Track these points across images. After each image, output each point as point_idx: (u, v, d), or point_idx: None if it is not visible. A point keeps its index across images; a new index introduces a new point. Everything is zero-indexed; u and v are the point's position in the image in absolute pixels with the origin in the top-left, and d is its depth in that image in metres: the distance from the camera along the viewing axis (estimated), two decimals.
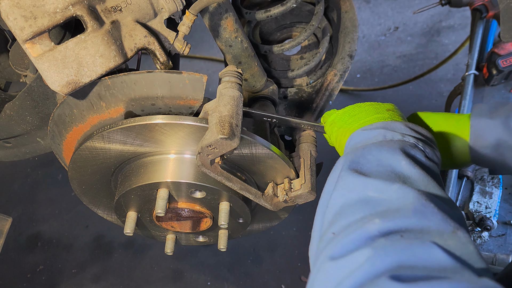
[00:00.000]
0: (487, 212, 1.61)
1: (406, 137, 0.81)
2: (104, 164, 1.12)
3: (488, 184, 1.70)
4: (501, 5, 0.95)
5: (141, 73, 0.98)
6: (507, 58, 1.89)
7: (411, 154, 0.76)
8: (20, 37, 0.84)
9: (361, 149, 0.80)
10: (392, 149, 0.76)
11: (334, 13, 1.52)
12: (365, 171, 0.73)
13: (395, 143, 0.79)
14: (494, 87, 2.01)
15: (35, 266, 2.49)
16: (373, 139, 0.83)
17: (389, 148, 0.77)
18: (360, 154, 0.78)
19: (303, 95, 1.47)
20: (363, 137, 0.85)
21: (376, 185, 0.69)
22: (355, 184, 0.72)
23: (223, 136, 0.88)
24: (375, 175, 0.72)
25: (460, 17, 3.20)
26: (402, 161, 0.73)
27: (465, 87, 1.93)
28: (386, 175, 0.72)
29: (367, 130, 0.86)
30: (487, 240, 1.59)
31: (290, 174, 1.12)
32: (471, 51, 2.03)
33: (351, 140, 0.89)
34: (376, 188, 0.69)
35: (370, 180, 0.71)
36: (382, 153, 0.76)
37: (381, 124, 0.86)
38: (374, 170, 0.73)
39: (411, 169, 0.72)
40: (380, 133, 0.83)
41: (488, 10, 2.05)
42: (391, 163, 0.74)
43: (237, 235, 1.35)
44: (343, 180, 0.74)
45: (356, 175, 0.73)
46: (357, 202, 0.69)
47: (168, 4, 0.96)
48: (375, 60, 3.14)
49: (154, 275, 2.40)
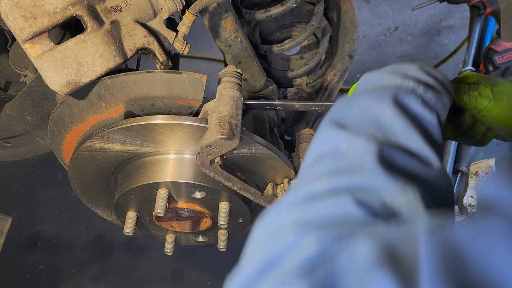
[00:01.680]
0: None
1: (405, 81, 0.72)
2: (104, 164, 1.12)
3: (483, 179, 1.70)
4: (501, 5, 0.94)
5: (140, 73, 0.98)
6: (503, 55, 1.90)
7: (403, 101, 0.68)
8: (20, 37, 0.84)
9: (350, 97, 0.73)
10: (382, 95, 0.69)
11: (334, 13, 1.52)
12: (345, 122, 0.68)
13: (390, 89, 0.71)
14: None
15: (35, 266, 2.49)
16: (370, 84, 0.76)
17: (379, 94, 0.70)
18: (347, 104, 0.72)
19: (303, 95, 1.48)
20: (365, 81, 0.78)
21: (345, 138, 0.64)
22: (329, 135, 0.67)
23: (223, 136, 0.88)
24: (353, 128, 0.66)
25: (460, 17, 3.20)
26: (387, 109, 0.66)
27: None
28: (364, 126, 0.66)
29: (371, 74, 0.78)
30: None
31: (290, 174, 1.12)
32: (468, 47, 2.04)
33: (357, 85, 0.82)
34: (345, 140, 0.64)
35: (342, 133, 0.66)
36: (369, 101, 0.69)
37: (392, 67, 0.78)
38: (354, 122, 0.67)
39: (394, 119, 0.65)
40: (381, 77, 0.75)
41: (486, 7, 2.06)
42: (374, 113, 0.67)
43: (237, 235, 1.35)
44: (321, 132, 0.70)
45: (333, 127, 0.68)
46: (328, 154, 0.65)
47: (168, 4, 0.96)
48: (375, 60, 3.14)
49: (154, 275, 2.40)
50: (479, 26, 2.10)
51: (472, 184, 1.72)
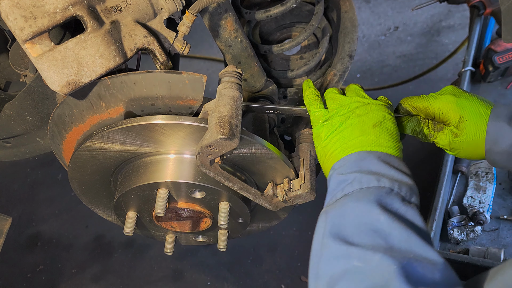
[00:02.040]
0: (480, 207, 1.63)
1: (381, 181, 0.82)
2: (104, 164, 1.12)
3: (482, 179, 1.71)
4: (502, 6, 0.94)
5: (140, 73, 0.98)
6: (503, 55, 1.90)
7: (388, 205, 0.78)
8: (20, 37, 0.84)
9: (339, 205, 0.82)
10: (369, 202, 0.78)
11: (334, 13, 1.52)
12: (347, 237, 0.75)
13: (371, 193, 0.80)
14: (490, 83, 2.03)
15: (35, 266, 2.49)
16: (349, 187, 0.84)
17: (366, 202, 0.78)
18: (340, 214, 0.80)
19: (303, 95, 1.47)
20: (341, 184, 0.86)
21: (359, 254, 0.72)
22: (339, 253, 0.74)
23: (223, 136, 0.88)
24: (357, 242, 0.74)
25: (460, 17, 3.20)
26: (381, 217, 0.75)
27: (461, 83, 1.94)
28: (368, 238, 0.74)
29: (343, 175, 0.87)
30: (480, 234, 1.60)
31: (290, 174, 1.12)
32: (468, 47, 2.05)
33: (330, 181, 0.91)
34: (359, 257, 0.71)
35: (352, 249, 0.73)
36: (359, 209, 0.78)
37: (356, 163, 0.87)
38: (355, 234, 0.75)
39: (390, 224, 0.74)
40: (356, 179, 0.84)
41: (486, 7, 2.06)
42: (370, 222, 0.76)
43: (236, 235, 1.35)
44: (328, 248, 0.77)
45: (338, 242, 0.75)
46: (344, 273, 0.71)
47: (168, 4, 0.96)
48: (375, 60, 3.15)
49: (154, 275, 2.40)
50: (479, 26, 2.10)
51: (472, 184, 1.72)
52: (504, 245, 1.56)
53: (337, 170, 0.89)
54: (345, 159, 0.89)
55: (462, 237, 1.60)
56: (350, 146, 0.91)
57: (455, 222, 1.63)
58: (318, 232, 0.82)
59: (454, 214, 1.66)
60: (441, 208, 1.63)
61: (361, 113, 0.94)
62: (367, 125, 0.92)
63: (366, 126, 0.92)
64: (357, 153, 0.89)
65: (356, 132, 0.92)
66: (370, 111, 0.94)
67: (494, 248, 1.49)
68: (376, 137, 0.90)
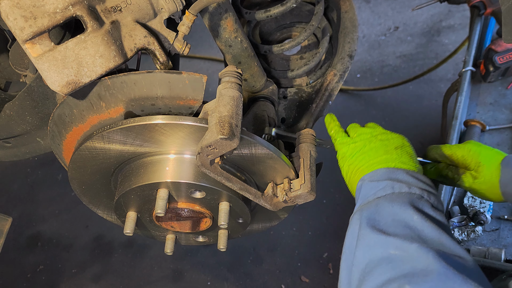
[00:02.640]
0: (481, 207, 1.63)
1: (412, 188, 0.89)
2: (104, 164, 1.12)
3: None
4: (503, 7, 0.94)
5: (141, 73, 0.98)
6: (504, 55, 1.90)
7: (420, 207, 0.84)
8: (20, 37, 0.84)
9: (374, 204, 0.88)
10: (403, 203, 0.84)
11: (334, 13, 1.52)
12: (383, 228, 0.81)
13: (404, 196, 0.87)
14: (491, 84, 2.03)
15: (35, 266, 2.49)
16: (382, 191, 0.90)
17: (400, 203, 0.85)
18: (375, 211, 0.86)
19: (302, 95, 1.48)
20: (373, 189, 0.93)
21: (396, 243, 0.76)
22: (376, 242, 0.79)
23: (223, 137, 0.88)
24: (393, 233, 0.79)
25: (460, 17, 3.20)
26: (414, 216, 0.81)
27: (462, 83, 1.94)
28: (403, 231, 0.79)
29: (375, 182, 0.93)
30: (481, 234, 1.60)
31: (290, 174, 1.12)
32: (468, 47, 2.04)
33: (361, 189, 0.97)
34: (396, 246, 0.76)
35: (389, 238, 0.78)
36: (394, 208, 0.84)
37: (386, 174, 0.94)
38: (391, 227, 0.81)
39: (423, 223, 0.80)
40: (388, 185, 0.91)
41: (486, 7, 2.06)
42: (404, 219, 0.81)
43: (236, 235, 1.35)
44: (364, 238, 0.82)
45: (375, 232, 0.80)
46: (381, 260, 0.75)
47: (168, 4, 0.96)
48: (375, 60, 3.15)
49: (154, 275, 2.40)
50: (480, 26, 2.10)
51: None
52: (504, 245, 1.56)
53: (368, 179, 0.96)
54: (375, 172, 0.96)
55: (463, 237, 1.60)
56: (376, 163, 0.98)
57: (455, 222, 1.63)
58: (353, 227, 0.87)
59: (454, 214, 1.65)
60: None
61: (383, 138, 1.04)
62: (389, 148, 1.01)
63: (388, 148, 1.01)
64: (386, 168, 0.96)
65: (380, 152, 1.00)
66: (391, 138, 1.04)
67: (495, 248, 1.49)
68: (399, 156, 0.99)
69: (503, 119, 1.91)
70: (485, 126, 1.87)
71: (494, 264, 1.41)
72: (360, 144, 1.04)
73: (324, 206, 2.48)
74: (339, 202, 2.50)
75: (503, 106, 1.95)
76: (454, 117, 1.84)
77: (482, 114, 1.97)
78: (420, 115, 2.74)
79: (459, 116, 1.84)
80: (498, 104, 1.96)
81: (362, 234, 0.83)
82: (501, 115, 1.92)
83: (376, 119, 2.80)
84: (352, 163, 1.03)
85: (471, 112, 1.98)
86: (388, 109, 2.85)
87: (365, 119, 2.79)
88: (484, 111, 1.97)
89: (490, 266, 1.40)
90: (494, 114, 1.94)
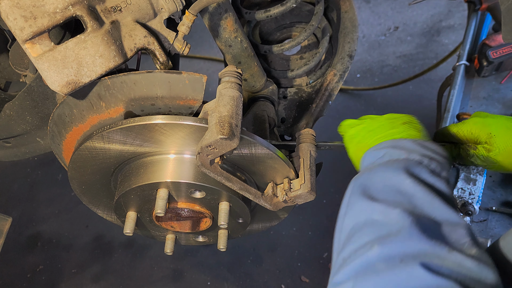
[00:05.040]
0: (470, 198, 1.64)
1: (411, 155, 0.86)
2: (104, 164, 1.12)
3: (473, 171, 1.72)
4: (502, 6, 0.95)
5: (140, 73, 0.98)
6: (497, 50, 1.91)
7: (415, 172, 0.81)
8: (20, 37, 0.84)
9: (368, 171, 0.86)
10: (396, 169, 0.82)
11: (334, 13, 1.52)
12: (373, 194, 0.79)
13: (400, 162, 0.84)
14: (485, 78, 2.04)
15: (35, 266, 2.49)
16: (380, 159, 0.89)
17: (394, 168, 0.83)
18: (367, 177, 0.84)
19: (302, 95, 1.48)
20: (373, 157, 0.92)
21: (380, 209, 0.75)
22: (363, 207, 0.78)
23: (223, 136, 0.88)
24: (382, 198, 0.77)
25: (460, 17, 3.20)
26: (406, 180, 0.79)
27: (455, 77, 1.95)
28: (392, 197, 0.77)
29: (376, 150, 0.92)
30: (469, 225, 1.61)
31: (290, 174, 1.12)
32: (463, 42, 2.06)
33: (363, 160, 0.96)
34: (380, 211, 0.75)
35: (375, 204, 0.76)
36: (387, 173, 0.82)
37: (389, 142, 0.92)
38: (380, 193, 0.79)
39: (415, 187, 0.77)
40: (387, 152, 0.89)
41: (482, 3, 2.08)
42: (395, 183, 0.79)
43: (236, 235, 1.35)
44: (353, 205, 0.81)
45: (364, 198, 0.79)
46: (364, 225, 0.75)
47: (168, 4, 0.96)
48: (375, 60, 3.15)
49: (154, 275, 2.40)
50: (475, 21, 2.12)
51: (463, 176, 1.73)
52: (492, 236, 1.58)
53: (371, 149, 0.95)
54: (380, 144, 0.95)
55: None
56: (382, 137, 0.97)
57: None
58: (346, 195, 0.86)
59: None
60: None
61: (390, 117, 1.02)
62: (396, 123, 0.99)
63: (395, 124, 0.99)
64: (392, 140, 0.94)
65: (387, 127, 0.99)
66: (399, 116, 1.02)
67: (482, 238, 1.51)
68: (406, 129, 0.96)
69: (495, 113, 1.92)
70: None
71: None
72: (368, 124, 1.03)
73: (324, 206, 2.48)
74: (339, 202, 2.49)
75: (496, 101, 1.96)
76: (446, 110, 1.85)
77: (475, 107, 1.98)
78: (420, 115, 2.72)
79: (451, 109, 1.85)
80: (492, 99, 1.97)
81: (351, 201, 0.82)
82: (494, 109, 1.93)
83: None
84: (359, 141, 1.01)
85: (464, 106, 2.00)
86: (388, 109, 2.85)
87: None
88: (477, 105, 1.98)
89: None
90: (487, 108, 1.95)
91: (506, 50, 1.91)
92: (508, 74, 1.99)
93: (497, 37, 1.96)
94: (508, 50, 1.90)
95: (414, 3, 2.12)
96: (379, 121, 1.01)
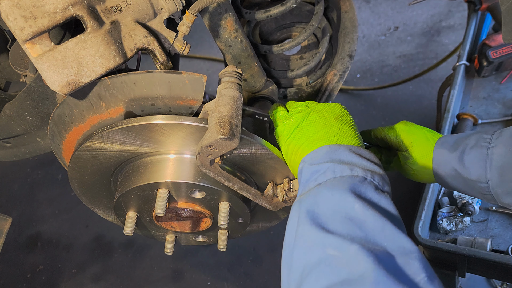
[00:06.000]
0: (469, 198, 1.65)
1: (354, 170, 0.82)
2: (104, 164, 1.12)
3: None
4: (502, 7, 0.95)
5: (140, 73, 0.98)
6: (497, 50, 1.91)
7: (362, 193, 0.78)
8: (20, 37, 0.84)
9: (313, 193, 0.81)
10: (343, 191, 0.78)
11: (334, 13, 1.52)
12: (323, 224, 0.74)
13: (345, 181, 0.80)
14: (485, 78, 2.04)
15: (35, 266, 2.49)
16: (323, 176, 0.83)
17: (340, 190, 0.78)
18: (314, 201, 0.79)
19: (302, 95, 1.48)
20: (314, 174, 0.86)
21: (335, 243, 0.70)
22: (314, 240, 0.73)
23: (223, 136, 0.88)
24: (333, 230, 0.73)
25: (460, 17, 3.20)
26: (355, 205, 0.75)
27: (455, 77, 1.96)
28: (343, 227, 0.73)
29: (315, 165, 0.87)
30: (469, 225, 1.63)
31: (290, 174, 1.12)
32: (463, 42, 2.06)
33: (301, 173, 0.90)
34: (335, 246, 0.70)
35: (328, 237, 0.71)
36: (334, 197, 0.78)
37: (327, 155, 0.87)
38: (331, 221, 0.74)
39: (364, 212, 0.74)
40: (329, 168, 0.84)
41: (482, 3, 2.08)
42: (345, 209, 0.75)
43: (236, 235, 1.35)
44: (302, 236, 0.76)
45: (314, 229, 0.74)
46: (319, 263, 0.69)
47: (168, 4, 0.96)
48: (375, 60, 3.15)
49: (154, 275, 2.40)
50: (475, 21, 2.12)
51: None
52: (492, 236, 1.58)
53: (308, 162, 0.89)
54: (316, 152, 0.90)
55: (451, 227, 1.62)
56: (316, 139, 0.92)
57: (444, 213, 1.65)
58: (292, 223, 0.81)
59: (444, 205, 1.69)
60: (431, 199, 1.66)
61: (320, 109, 0.97)
62: (328, 119, 0.95)
63: (327, 119, 0.95)
64: (328, 146, 0.89)
65: (319, 125, 0.94)
66: (328, 107, 0.98)
67: (482, 238, 1.52)
68: (339, 128, 0.93)
69: (495, 113, 1.92)
70: (477, 119, 1.89)
71: (479, 253, 1.43)
72: (297, 118, 0.97)
73: None
74: None
75: (496, 100, 1.96)
76: (446, 110, 1.86)
77: (475, 108, 1.98)
78: (420, 115, 2.74)
79: (451, 109, 1.85)
80: (491, 98, 1.97)
81: (300, 231, 0.77)
82: (494, 109, 1.93)
83: (376, 119, 2.81)
84: (291, 142, 0.96)
85: (464, 106, 2.00)
86: (388, 109, 2.85)
87: (365, 119, 2.80)
88: (477, 105, 1.98)
89: (475, 255, 1.42)
90: (486, 108, 1.95)
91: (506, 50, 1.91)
92: (508, 74, 2.00)
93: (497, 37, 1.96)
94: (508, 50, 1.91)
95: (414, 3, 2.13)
96: (309, 115, 0.96)
